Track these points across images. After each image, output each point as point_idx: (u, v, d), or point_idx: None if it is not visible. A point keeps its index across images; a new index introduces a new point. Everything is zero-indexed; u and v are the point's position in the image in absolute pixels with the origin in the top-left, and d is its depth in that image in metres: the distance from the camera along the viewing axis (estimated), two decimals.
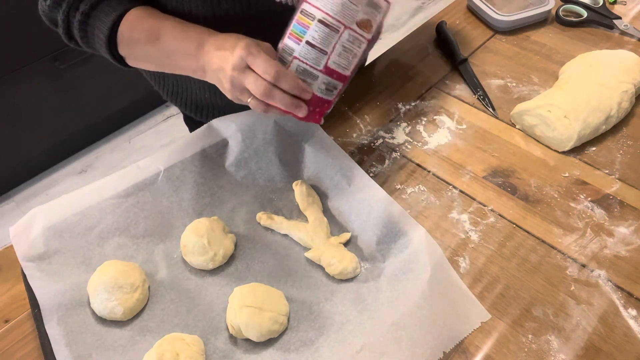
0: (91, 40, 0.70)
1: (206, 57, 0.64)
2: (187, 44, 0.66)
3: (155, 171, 0.70)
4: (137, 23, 0.68)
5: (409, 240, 0.63)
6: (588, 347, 0.57)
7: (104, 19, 0.67)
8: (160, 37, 0.67)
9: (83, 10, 0.67)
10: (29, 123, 1.79)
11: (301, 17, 0.60)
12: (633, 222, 0.68)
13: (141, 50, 0.69)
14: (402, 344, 0.55)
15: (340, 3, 0.58)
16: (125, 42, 0.69)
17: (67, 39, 0.72)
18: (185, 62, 0.67)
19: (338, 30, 0.59)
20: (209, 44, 0.64)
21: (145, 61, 0.72)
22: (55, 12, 0.69)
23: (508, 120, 0.83)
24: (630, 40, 0.96)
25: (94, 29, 0.68)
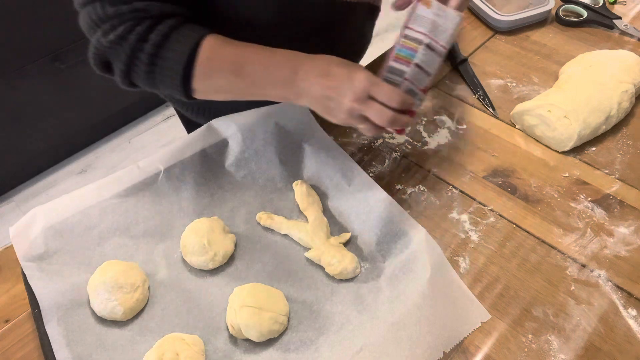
0: (159, 75, 0.63)
1: (304, 83, 0.62)
2: (278, 71, 0.63)
3: (155, 171, 0.70)
4: (216, 52, 0.63)
5: (409, 240, 0.63)
6: (588, 347, 0.57)
7: (179, 49, 0.61)
8: (245, 65, 0.64)
9: (155, 41, 0.60)
10: (29, 123, 1.79)
11: (406, 42, 0.63)
12: (633, 222, 0.68)
13: (222, 80, 0.64)
14: (402, 344, 0.55)
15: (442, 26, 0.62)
16: (204, 72, 0.63)
17: (125, 78, 0.64)
18: (275, 89, 0.64)
19: (442, 54, 0.63)
20: (304, 70, 0.62)
21: (224, 92, 0.67)
22: (118, 48, 0.61)
23: (508, 120, 0.83)
24: (630, 40, 0.96)
25: (165, 62, 0.62)
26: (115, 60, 0.62)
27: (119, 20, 0.60)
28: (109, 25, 0.60)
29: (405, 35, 0.63)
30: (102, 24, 0.60)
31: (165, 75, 0.63)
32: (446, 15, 0.61)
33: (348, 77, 0.61)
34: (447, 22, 0.61)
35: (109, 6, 0.60)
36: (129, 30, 0.60)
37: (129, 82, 0.65)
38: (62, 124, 1.89)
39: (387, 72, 0.64)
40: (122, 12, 0.60)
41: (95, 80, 1.87)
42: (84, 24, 0.63)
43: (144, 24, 0.60)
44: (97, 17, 0.60)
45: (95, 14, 0.60)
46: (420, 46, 0.62)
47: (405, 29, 0.63)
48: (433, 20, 0.61)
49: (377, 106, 0.61)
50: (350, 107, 0.61)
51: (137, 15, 0.60)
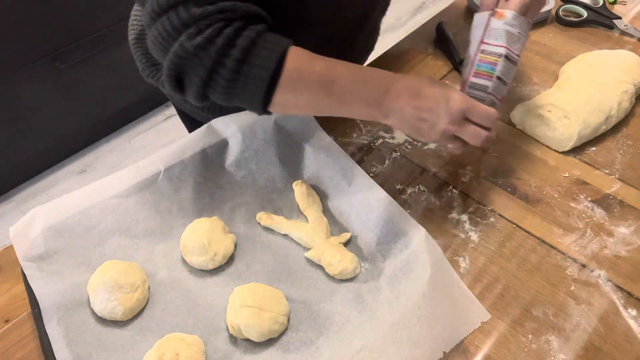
0: (242, 83, 0.59)
1: (395, 104, 0.62)
2: (368, 90, 0.62)
3: (155, 171, 0.70)
4: (305, 63, 0.61)
5: (409, 240, 0.63)
6: (588, 347, 0.57)
7: (267, 56, 0.58)
8: (335, 80, 0.61)
9: (242, 46, 0.57)
10: (29, 123, 1.79)
11: (485, 56, 0.65)
12: (633, 222, 0.68)
13: (309, 94, 0.62)
14: (402, 344, 0.55)
15: (516, 37, 0.64)
16: (291, 84, 0.60)
17: (203, 89, 0.59)
18: (363, 108, 0.63)
19: (516, 63, 0.65)
20: (395, 90, 0.62)
21: (304, 107, 0.64)
22: (203, 53, 0.57)
23: (508, 120, 0.83)
24: (630, 40, 0.96)
25: (252, 69, 0.58)
26: (196, 68, 0.58)
27: (207, 22, 0.57)
28: (195, 28, 0.57)
29: (483, 50, 0.64)
30: (187, 27, 0.57)
31: (248, 84, 0.59)
32: (520, 24, 0.63)
33: (443, 99, 0.62)
34: (521, 30, 0.63)
35: (194, 7, 0.56)
36: (216, 33, 0.57)
37: (203, 95, 0.61)
38: (62, 124, 1.89)
39: (470, 88, 0.66)
40: (209, 12, 0.57)
41: (95, 80, 1.88)
42: (161, 34, 0.58)
43: (232, 26, 0.57)
44: (180, 22, 0.57)
45: (178, 18, 0.57)
46: (499, 59, 0.64)
47: (482, 44, 0.65)
48: (508, 31, 0.63)
49: (472, 127, 0.62)
50: (445, 129, 0.62)
51: (225, 17, 0.57)
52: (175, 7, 0.57)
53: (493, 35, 0.64)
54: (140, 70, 0.88)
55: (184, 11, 0.57)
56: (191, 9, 0.57)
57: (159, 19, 0.58)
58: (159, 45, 0.59)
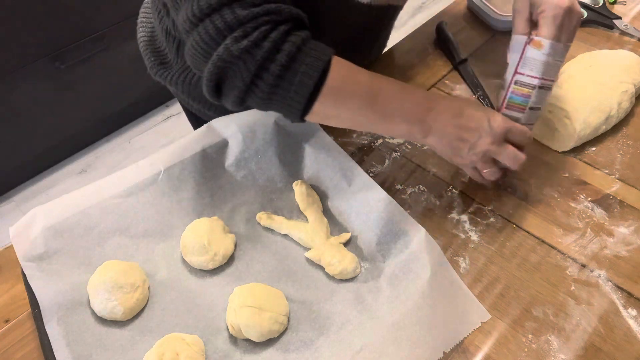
0: (283, 90, 0.58)
1: (436, 123, 0.62)
2: (411, 107, 0.63)
3: (155, 171, 0.70)
4: (349, 75, 0.61)
5: (409, 240, 0.63)
6: (588, 347, 0.57)
7: (313, 64, 0.57)
8: (379, 94, 0.61)
9: (288, 52, 0.56)
10: (29, 123, 1.79)
11: (518, 88, 0.63)
12: (633, 222, 0.68)
13: (351, 106, 0.61)
14: (402, 344, 0.55)
15: (552, 64, 0.61)
16: (334, 94, 0.60)
17: (245, 94, 0.59)
18: (404, 124, 0.63)
19: (551, 87, 0.63)
20: (438, 109, 0.63)
21: (343, 118, 0.64)
22: (248, 57, 0.56)
23: None
24: (630, 40, 0.96)
25: (296, 76, 0.57)
26: (240, 72, 0.57)
27: (253, 25, 0.56)
28: (242, 32, 0.55)
29: (517, 81, 0.62)
30: (233, 30, 0.56)
31: (290, 91, 0.58)
32: (556, 52, 0.60)
33: (485, 119, 0.62)
34: (558, 58, 0.60)
35: (240, 10, 0.55)
36: (263, 37, 0.56)
37: (242, 100, 0.60)
38: (62, 124, 1.89)
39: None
40: (255, 15, 0.56)
41: (95, 80, 1.88)
42: (203, 39, 0.57)
43: (278, 30, 0.56)
44: (225, 25, 0.55)
45: (223, 21, 0.55)
46: (533, 91, 0.62)
47: (516, 74, 0.62)
48: (544, 61, 0.60)
49: (511, 149, 0.64)
50: (486, 150, 0.62)
51: (271, 19, 0.56)
52: (219, 10, 0.56)
53: (528, 66, 0.61)
54: (148, 68, 0.88)
55: (230, 14, 0.55)
56: (236, 11, 0.55)
57: (200, 23, 0.57)
58: (201, 50, 0.58)
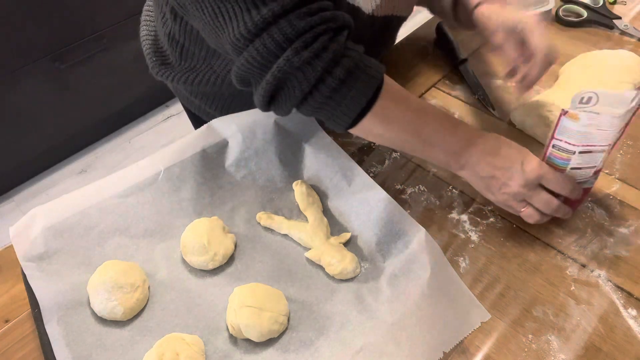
0: (335, 103, 0.59)
1: (472, 158, 0.64)
2: (454, 140, 0.64)
3: (155, 171, 0.70)
4: (402, 100, 0.63)
5: (409, 240, 0.63)
6: (588, 347, 0.57)
7: (368, 82, 0.59)
8: (425, 124, 0.63)
9: (347, 66, 0.57)
10: (29, 123, 1.79)
11: (555, 152, 0.62)
12: (633, 222, 0.68)
13: (398, 128, 0.63)
14: (402, 344, 0.55)
15: (595, 133, 0.58)
16: (383, 113, 0.61)
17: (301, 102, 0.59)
18: (442, 155, 0.65)
19: (604, 149, 0.60)
20: (477, 146, 0.64)
21: (384, 138, 0.65)
22: (307, 69, 0.56)
23: (508, 120, 0.83)
24: (630, 40, 0.96)
25: (350, 91, 0.58)
26: (298, 82, 0.57)
27: (312, 35, 0.56)
28: (302, 42, 0.55)
29: (554, 145, 0.62)
30: (292, 42, 0.56)
31: (342, 105, 0.59)
32: (602, 121, 0.56)
33: (519, 161, 0.63)
34: (604, 124, 0.57)
35: (297, 20, 0.55)
36: (324, 48, 0.56)
37: (297, 107, 0.61)
38: (62, 124, 1.89)
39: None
40: (313, 24, 0.56)
41: (95, 80, 1.88)
42: (260, 54, 0.56)
43: (337, 40, 0.57)
44: (284, 37, 0.55)
45: (281, 33, 0.55)
46: (572, 155, 0.60)
47: (553, 139, 0.61)
48: (583, 131, 0.58)
49: (545, 195, 0.63)
50: (517, 192, 0.63)
51: (328, 27, 0.57)
52: (275, 23, 0.55)
53: (565, 134, 0.60)
54: (150, 67, 0.88)
55: (287, 25, 0.55)
56: (294, 22, 0.55)
57: (257, 38, 0.56)
58: (257, 64, 0.58)
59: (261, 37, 0.56)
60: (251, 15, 0.55)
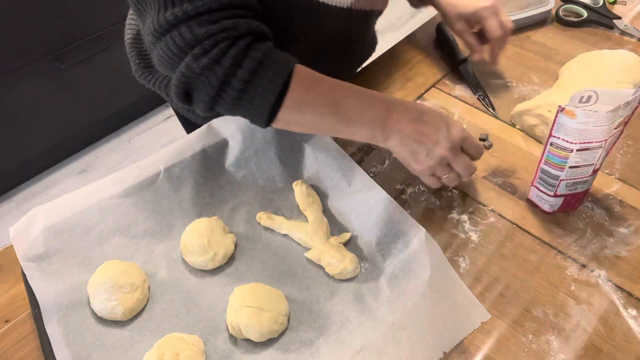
0: (246, 102, 0.60)
1: (396, 125, 0.64)
2: (372, 111, 0.65)
3: (155, 171, 0.70)
4: (312, 85, 0.63)
5: (409, 240, 0.63)
6: (588, 347, 0.57)
7: (273, 78, 0.60)
8: (340, 101, 0.64)
9: (249, 67, 0.58)
10: (29, 123, 1.79)
11: (554, 150, 0.63)
12: (633, 222, 0.68)
13: (313, 114, 0.63)
14: (402, 344, 0.55)
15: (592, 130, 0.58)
16: (296, 104, 0.62)
17: (211, 104, 0.61)
18: (365, 128, 0.65)
19: (602, 146, 0.61)
20: (397, 113, 0.64)
21: (307, 125, 0.66)
22: (209, 74, 0.58)
23: (508, 120, 0.83)
24: (630, 40, 0.96)
25: (257, 90, 0.60)
26: (203, 86, 0.59)
27: (211, 42, 0.57)
28: (201, 49, 0.57)
29: (552, 143, 0.62)
30: (192, 48, 0.57)
31: (253, 103, 0.61)
32: (596, 119, 0.57)
33: (444, 125, 0.64)
34: (600, 120, 0.57)
35: (197, 27, 0.57)
36: (222, 53, 0.57)
37: (211, 109, 0.62)
38: (62, 124, 1.89)
39: (541, 173, 0.66)
40: (213, 32, 0.57)
41: (95, 80, 1.88)
42: (166, 53, 0.59)
43: (237, 45, 0.58)
44: (184, 42, 0.57)
45: (181, 39, 0.57)
46: (570, 153, 0.61)
47: (551, 136, 0.62)
48: (580, 129, 0.58)
49: (466, 159, 0.66)
50: (442, 155, 0.64)
51: (228, 35, 0.58)
52: (177, 26, 0.57)
53: (562, 131, 0.60)
54: (133, 70, 0.88)
55: (187, 31, 0.57)
56: (194, 29, 0.57)
57: (162, 38, 0.58)
58: (166, 62, 0.60)
59: (165, 38, 0.58)
60: (159, 15, 0.58)
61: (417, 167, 0.66)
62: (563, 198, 0.67)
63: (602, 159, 0.64)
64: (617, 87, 0.79)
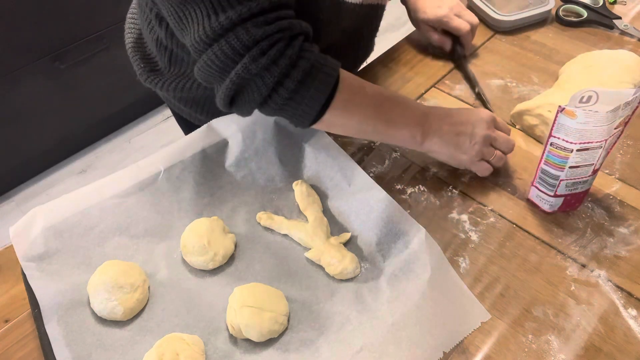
0: (296, 102, 0.61)
1: (433, 125, 0.69)
2: (412, 113, 0.69)
3: (155, 171, 0.70)
4: (358, 88, 0.67)
5: (409, 240, 0.63)
6: (588, 347, 0.57)
7: (325, 80, 0.62)
8: (383, 105, 0.68)
9: (304, 68, 0.60)
10: (29, 123, 1.79)
11: (554, 150, 0.63)
12: (633, 222, 0.68)
13: (359, 114, 0.66)
14: (402, 344, 0.55)
15: (592, 130, 0.58)
16: (344, 104, 0.65)
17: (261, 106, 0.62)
18: (405, 130, 0.68)
19: (602, 146, 0.61)
20: (432, 115, 0.70)
21: (348, 127, 0.68)
22: (266, 74, 0.59)
23: (508, 120, 0.83)
24: (630, 40, 0.96)
25: (309, 91, 0.61)
26: (257, 87, 0.60)
27: (269, 43, 0.58)
28: (258, 50, 0.57)
29: (552, 143, 0.62)
30: (249, 49, 0.58)
31: (302, 104, 0.62)
32: (597, 119, 0.57)
33: (473, 112, 0.70)
34: (600, 120, 0.57)
35: (254, 28, 0.57)
36: (280, 54, 0.58)
37: (254, 111, 0.64)
38: (62, 124, 1.89)
39: (541, 173, 0.66)
40: (270, 32, 0.58)
41: (95, 80, 1.88)
42: (219, 58, 0.58)
43: (293, 46, 0.59)
44: (241, 44, 0.57)
45: (238, 41, 0.57)
46: (570, 153, 0.61)
47: (550, 137, 0.62)
48: (580, 129, 0.58)
49: (502, 133, 0.71)
50: (485, 135, 0.69)
51: (284, 35, 0.59)
52: (232, 29, 0.57)
53: (562, 131, 0.60)
54: (137, 74, 0.88)
55: (244, 33, 0.57)
56: (251, 30, 0.57)
57: (215, 43, 0.58)
58: (216, 68, 0.59)
59: (219, 42, 0.58)
60: (210, 21, 0.57)
61: (465, 157, 0.70)
62: (563, 198, 0.67)
63: (602, 159, 0.64)
64: (617, 87, 0.79)
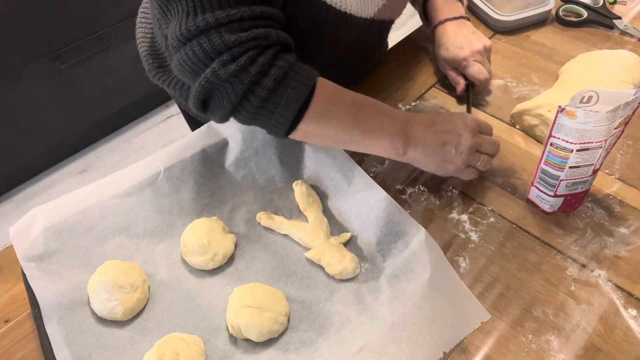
0: (268, 112, 0.60)
1: (417, 134, 0.66)
2: (391, 122, 0.65)
3: (155, 171, 0.70)
4: (333, 97, 0.63)
5: (409, 240, 0.63)
6: (588, 347, 0.57)
7: (299, 88, 0.60)
8: (360, 114, 0.64)
9: (275, 76, 0.58)
10: (29, 123, 1.79)
11: (554, 150, 0.63)
12: (633, 222, 0.68)
13: (335, 125, 0.63)
14: (402, 344, 0.55)
15: (592, 130, 0.58)
16: (319, 115, 0.62)
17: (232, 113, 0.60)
18: (384, 139, 0.65)
19: (602, 146, 0.61)
20: (415, 123, 0.66)
21: (326, 137, 0.65)
22: (235, 81, 0.57)
23: (508, 120, 0.83)
24: (630, 40, 0.96)
25: (282, 99, 0.59)
26: (226, 94, 0.59)
27: (240, 49, 0.57)
28: (229, 55, 0.56)
29: (552, 143, 0.62)
30: (220, 54, 0.57)
31: (275, 113, 0.60)
32: (597, 119, 0.57)
33: (458, 118, 0.67)
34: (598, 122, 0.57)
35: (228, 34, 0.56)
36: (251, 61, 0.57)
37: (227, 118, 0.62)
38: (62, 124, 1.89)
39: (541, 173, 0.66)
40: (243, 40, 0.57)
41: (95, 80, 1.88)
42: (190, 58, 0.58)
43: (265, 54, 0.58)
44: (212, 48, 0.56)
45: (210, 44, 0.56)
46: (570, 153, 0.61)
47: (551, 137, 0.62)
48: (580, 129, 0.58)
49: (489, 137, 0.70)
50: (470, 144, 0.66)
51: (258, 44, 0.57)
52: (206, 32, 0.56)
53: (562, 132, 0.60)
54: (147, 70, 0.87)
55: (217, 37, 0.56)
56: (224, 35, 0.56)
57: (188, 43, 0.57)
58: (188, 68, 0.59)
59: (191, 43, 0.57)
60: (187, 20, 0.57)
61: (452, 167, 0.67)
62: (563, 198, 0.67)
63: (602, 159, 0.64)
64: (617, 87, 0.79)
